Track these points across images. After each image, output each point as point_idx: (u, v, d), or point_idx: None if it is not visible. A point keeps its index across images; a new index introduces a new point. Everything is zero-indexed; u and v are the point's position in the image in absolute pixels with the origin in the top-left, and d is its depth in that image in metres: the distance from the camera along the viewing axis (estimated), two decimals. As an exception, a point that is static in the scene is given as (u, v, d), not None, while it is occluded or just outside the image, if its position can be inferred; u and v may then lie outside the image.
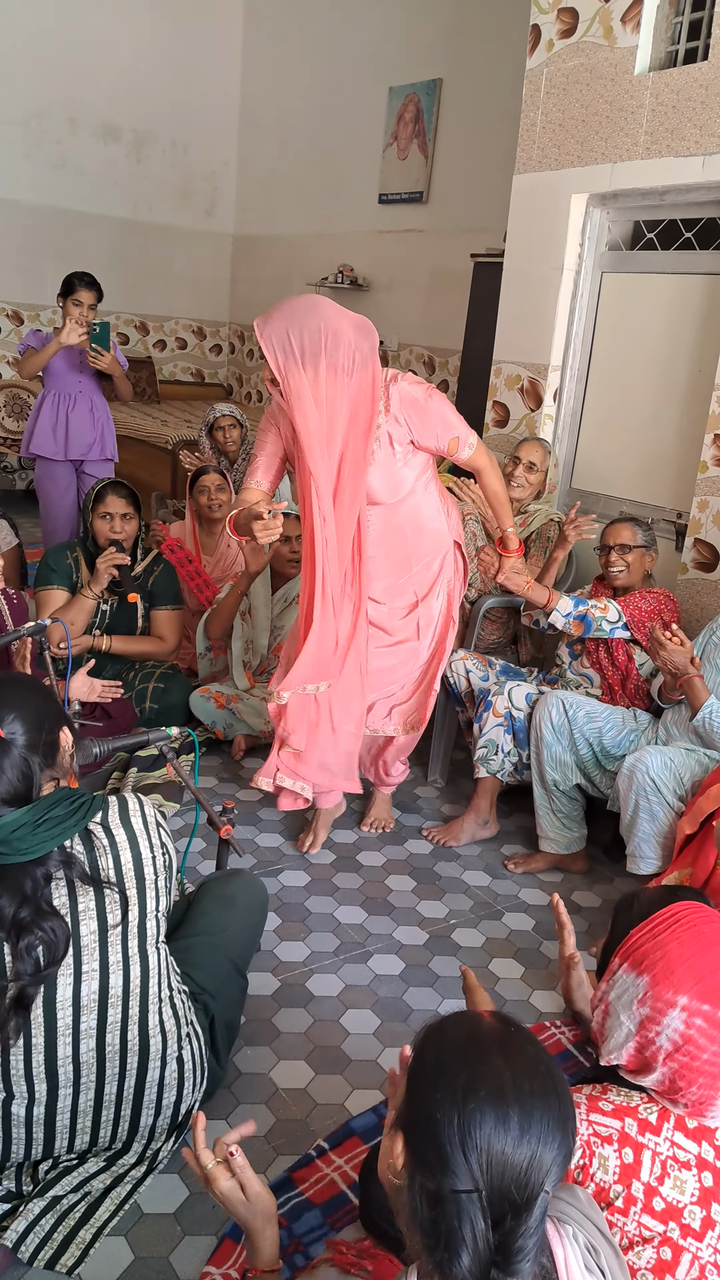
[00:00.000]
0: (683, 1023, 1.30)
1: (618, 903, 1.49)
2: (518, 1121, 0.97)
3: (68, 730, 1.72)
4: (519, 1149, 0.96)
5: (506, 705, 3.05)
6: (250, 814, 3.20)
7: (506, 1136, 0.96)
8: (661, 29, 3.38)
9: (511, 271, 3.99)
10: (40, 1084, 1.63)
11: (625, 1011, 1.35)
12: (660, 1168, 1.28)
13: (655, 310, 3.56)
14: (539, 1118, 0.98)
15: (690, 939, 1.34)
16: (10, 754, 1.56)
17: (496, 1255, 0.95)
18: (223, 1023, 1.95)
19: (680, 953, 1.33)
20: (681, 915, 1.37)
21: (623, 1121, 1.30)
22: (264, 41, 7.45)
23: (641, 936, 1.37)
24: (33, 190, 7.14)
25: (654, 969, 1.33)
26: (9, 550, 3.87)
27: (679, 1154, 1.29)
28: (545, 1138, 0.97)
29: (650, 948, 1.35)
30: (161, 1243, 1.70)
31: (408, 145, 5.99)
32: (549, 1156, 0.97)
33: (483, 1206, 0.95)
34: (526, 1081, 0.99)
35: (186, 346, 8.30)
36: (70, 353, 4.38)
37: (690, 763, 2.64)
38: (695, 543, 3.31)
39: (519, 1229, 0.95)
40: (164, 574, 3.59)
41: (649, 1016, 1.32)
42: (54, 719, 1.68)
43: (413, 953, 2.58)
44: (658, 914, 1.39)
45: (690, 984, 1.30)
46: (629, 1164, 1.27)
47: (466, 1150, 0.96)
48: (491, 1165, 0.95)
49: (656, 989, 1.32)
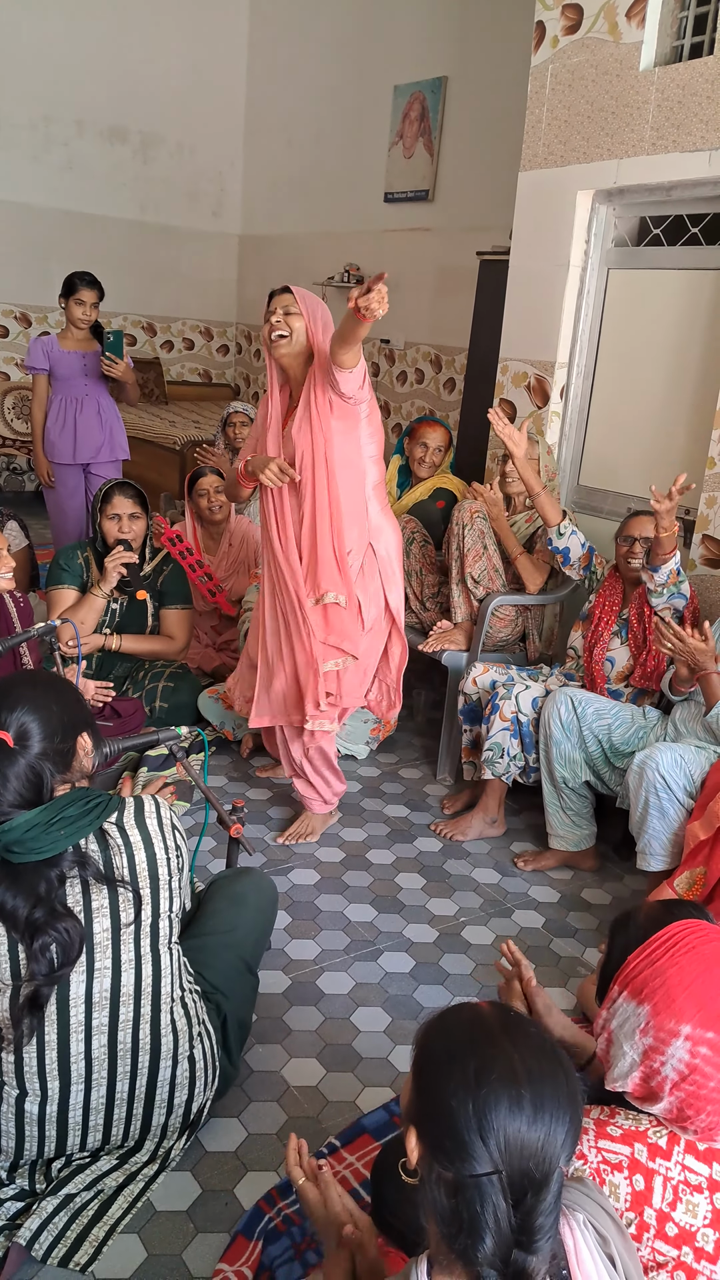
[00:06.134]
0: (687, 1052, 1.27)
1: (613, 923, 1.45)
2: (530, 1101, 0.98)
3: (87, 736, 1.70)
4: (534, 1129, 0.98)
5: (514, 710, 3.05)
6: (260, 812, 3.21)
7: (521, 1117, 0.98)
8: (667, 24, 3.37)
9: (518, 269, 3.98)
10: (53, 1081, 1.64)
11: (628, 1041, 1.32)
12: (672, 1193, 1.26)
13: (662, 306, 3.55)
14: (550, 1096, 0.99)
15: (689, 963, 1.31)
16: (16, 763, 1.56)
17: (519, 1235, 0.97)
18: (235, 1021, 1.95)
19: (680, 979, 1.30)
20: (679, 938, 1.34)
21: (632, 1147, 1.28)
22: (269, 42, 7.46)
23: (639, 963, 1.34)
24: (41, 192, 7.16)
25: (654, 997, 1.30)
26: (19, 552, 3.88)
27: (690, 1178, 1.27)
28: (556, 1114, 0.99)
29: (649, 975, 1.32)
30: (174, 1240, 1.71)
31: (413, 144, 5.98)
32: (561, 1132, 0.99)
33: (503, 1188, 0.97)
34: (534, 1062, 1.01)
35: (194, 347, 8.31)
36: (76, 357, 4.39)
37: (701, 760, 2.63)
38: (704, 539, 3.30)
39: (539, 1206, 0.97)
40: (173, 573, 3.60)
41: (652, 1046, 1.29)
42: (73, 724, 1.67)
43: (423, 950, 2.59)
44: (654, 938, 1.35)
45: (692, 1012, 1.28)
46: (640, 1191, 1.25)
47: (485, 1135, 0.97)
48: (509, 1146, 0.97)
49: (658, 1019, 1.29)
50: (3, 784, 1.55)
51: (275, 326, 2.69)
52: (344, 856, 3.01)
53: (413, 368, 6.18)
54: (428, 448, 3.96)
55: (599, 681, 3.09)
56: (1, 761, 1.55)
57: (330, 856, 3.00)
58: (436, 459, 3.99)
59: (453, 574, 3.47)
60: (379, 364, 6.46)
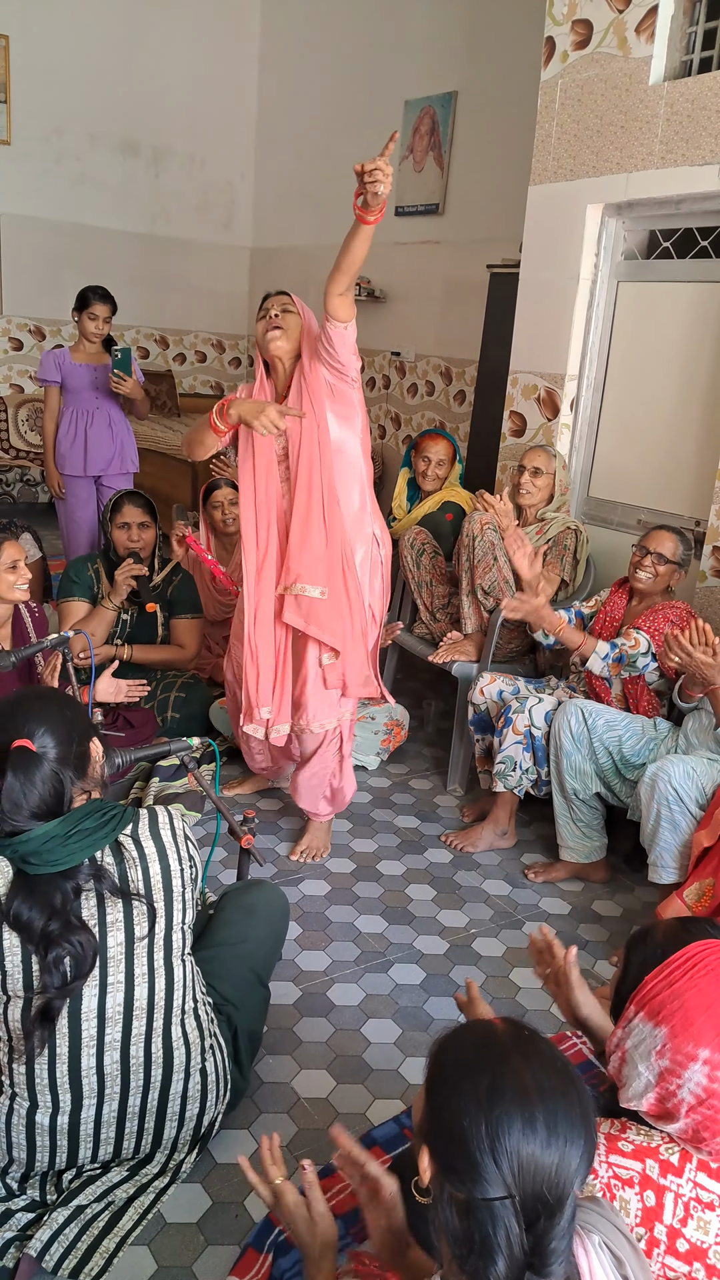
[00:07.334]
0: (705, 1076, 1.25)
1: (629, 939, 1.44)
2: (544, 1123, 0.97)
3: (98, 741, 1.73)
4: (548, 1151, 0.96)
5: (527, 723, 3.04)
6: (271, 824, 3.21)
7: (535, 1139, 0.96)
8: (676, 38, 3.39)
9: (528, 282, 4.00)
10: (64, 1094, 1.65)
11: (644, 1062, 1.30)
12: (683, 1210, 1.24)
13: (671, 319, 3.56)
14: (563, 1117, 0.98)
15: (708, 985, 1.29)
16: (41, 768, 1.58)
17: (532, 1258, 0.95)
18: (245, 1033, 1.95)
19: (699, 1002, 1.28)
20: (698, 959, 1.32)
21: (644, 1163, 1.27)
22: (280, 55, 7.51)
23: (657, 984, 1.32)
24: (53, 206, 7.22)
25: (672, 1020, 1.28)
26: (33, 563, 3.91)
27: (702, 1195, 1.26)
28: (571, 1136, 0.97)
29: (667, 996, 1.30)
30: (185, 1252, 1.71)
31: (423, 157, 6.01)
32: (575, 1155, 0.98)
33: (516, 1211, 0.95)
34: (548, 1081, 0.99)
35: (206, 360, 8.35)
36: (87, 370, 4.42)
37: (713, 772, 2.62)
38: (714, 550, 3.30)
39: (552, 1230, 0.96)
40: (183, 583, 3.62)
41: (669, 1069, 1.28)
42: (84, 731, 1.69)
43: (433, 962, 2.58)
44: (673, 958, 1.33)
45: (711, 1036, 1.26)
46: (651, 1207, 1.24)
47: (497, 1156, 0.96)
48: (523, 1169, 0.96)
49: (675, 1041, 1.27)
50: (29, 789, 1.56)
51: (272, 322, 2.71)
52: (354, 867, 3.01)
53: (423, 380, 6.20)
54: (430, 461, 3.97)
55: (603, 697, 3.09)
56: (28, 767, 1.57)
57: (341, 867, 3.00)
58: (440, 472, 4.00)
59: (463, 585, 3.48)
60: (390, 376, 6.49)
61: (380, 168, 2.26)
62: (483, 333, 5.20)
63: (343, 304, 2.57)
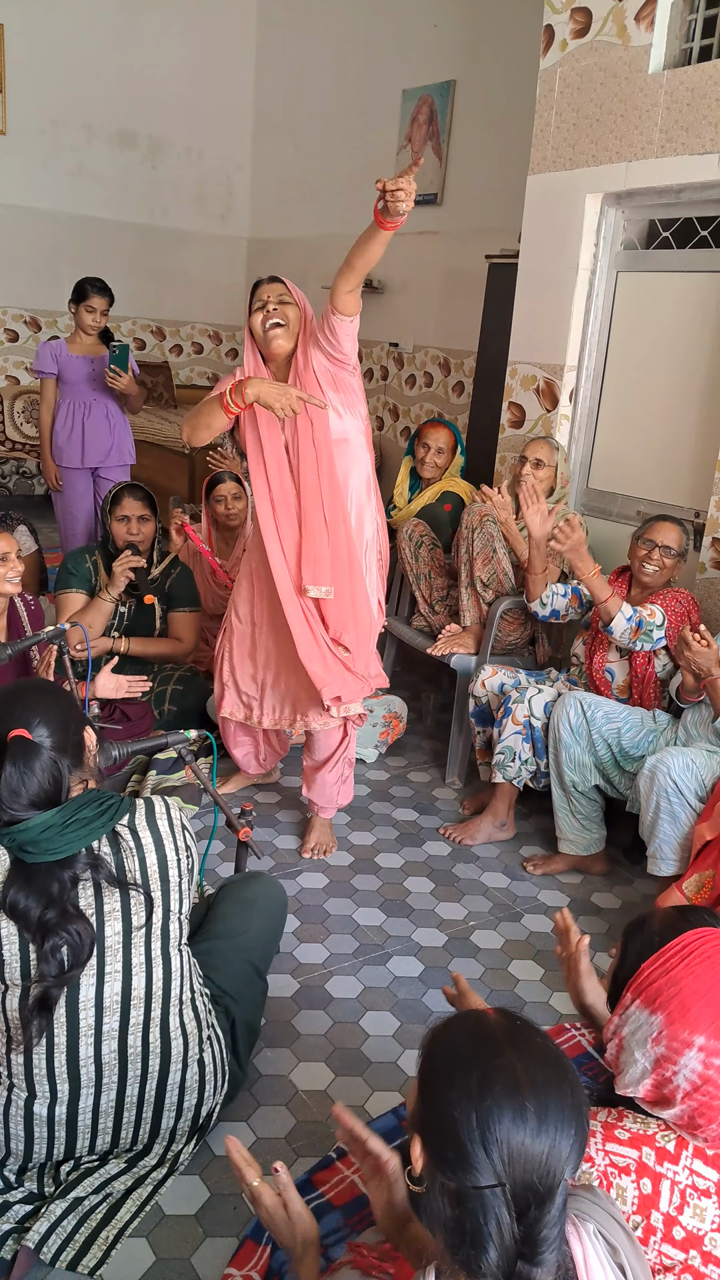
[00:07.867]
0: (700, 1063, 1.26)
1: (627, 928, 1.45)
2: (534, 1113, 0.97)
3: (91, 731, 1.74)
4: (538, 1140, 0.97)
5: (526, 714, 3.04)
6: (269, 816, 3.21)
7: (525, 1129, 0.97)
8: (675, 26, 3.37)
9: (526, 272, 3.98)
10: (62, 1084, 1.64)
11: (640, 1049, 1.31)
12: (679, 1197, 1.25)
13: (671, 309, 3.55)
14: (554, 1107, 0.98)
15: (704, 973, 1.30)
16: (40, 756, 1.58)
17: (523, 1247, 0.96)
18: (243, 1025, 1.95)
19: (695, 989, 1.29)
20: (694, 946, 1.33)
21: (640, 1151, 1.27)
22: (277, 45, 7.47)
23: (654, 971, 1.33)
24: (50, 197, 7.19)
25: (668, 1007, 1.29)
26: (29, 555, 3.90)
27: (698, 1182, 1.26)
28: (562, 1125, 0.98)
29: (663, 984, 1.31)
30: (183, 1244, 1.70)
31: (421, 147, 5.98)
32: (566, 1144, 0.98)
33: (507, 1200, 0.96)
34: (539, 1072, 1.00)
35: (203, 351, 8.32)
36: (84, 362, 4.40)
37: (712, 764, 2.62)
38: (713, 541, 3.29)
39: (543, 1219, 0.96)
40: (181, 576, 3.61)
41: (665, 1056, 1.29)
42: (78, 721, 1.70)
43: (432, 954, 2.58)
44: (669, 945, 1.34)
45: (706, 1023, 1.27)
46: (647, 1195, 1.25)
47: (487, 1146, 0.96)
48: (513, 1158, 0.96)
49: (672, 1028, 1.28)
50: (29, 777, 1.56)
51: (270, 315, 2.64)
52: (353, 860, 3.01)
53: (421, 371, 6.18)
54: (429, 448, 3.97)
55: (603, 691, 3.09)
56: (27, 756, 1.57)
57: (339, 860, 3.00)
58: (440, 459, 3.99)
59: (461, 577, 3.47)
60: (388, 367, 6.47)
61: (403, 187, 2.24)
62: (481, 323, 5.18)
63: (351, 300, 2.55)
